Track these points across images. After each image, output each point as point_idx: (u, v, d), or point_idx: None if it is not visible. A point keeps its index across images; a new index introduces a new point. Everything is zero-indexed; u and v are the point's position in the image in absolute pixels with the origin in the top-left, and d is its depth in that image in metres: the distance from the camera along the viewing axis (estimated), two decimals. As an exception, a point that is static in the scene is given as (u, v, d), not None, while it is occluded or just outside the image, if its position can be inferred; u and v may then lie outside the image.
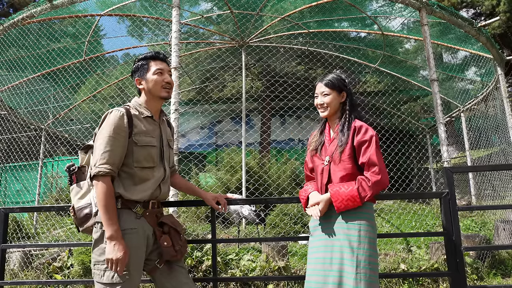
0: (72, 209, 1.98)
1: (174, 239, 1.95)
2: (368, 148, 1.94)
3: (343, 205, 1.91)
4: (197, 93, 11.07)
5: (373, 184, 1.89)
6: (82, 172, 2.03)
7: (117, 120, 1.85)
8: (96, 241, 1.84)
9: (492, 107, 6.76)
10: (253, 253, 4.64)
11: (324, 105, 2.08)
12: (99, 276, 1.79)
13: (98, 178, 1.79)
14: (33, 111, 7.57)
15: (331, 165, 2.02)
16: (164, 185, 2.00)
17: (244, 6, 6.16)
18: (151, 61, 2.01)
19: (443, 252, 4.29)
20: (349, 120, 2.04)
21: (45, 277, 4.64)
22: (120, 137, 1.84)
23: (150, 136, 1.95)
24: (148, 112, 2.00)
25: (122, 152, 1.86)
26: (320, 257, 1.96)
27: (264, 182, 7.32)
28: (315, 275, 1.95)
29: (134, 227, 1.85)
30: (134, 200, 1.87)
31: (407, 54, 8.43)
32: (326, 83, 2.09)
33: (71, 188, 2.02)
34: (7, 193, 9.68)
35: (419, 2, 4.44)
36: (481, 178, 7.44)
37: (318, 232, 2.03)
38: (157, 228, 1.94)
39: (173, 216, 2.09)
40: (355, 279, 1.80)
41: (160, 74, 1.99)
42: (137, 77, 2.03)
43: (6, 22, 5.30)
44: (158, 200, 2.00)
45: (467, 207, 6.01)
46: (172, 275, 1.95)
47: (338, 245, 1.90)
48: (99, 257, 1.81)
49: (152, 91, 2.00)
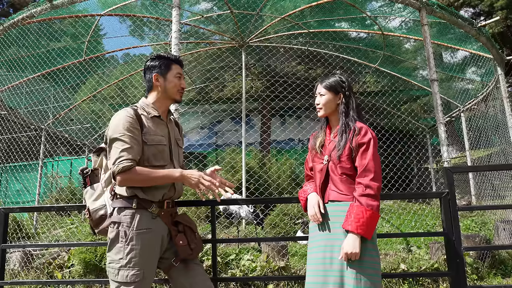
0: (87, 211, 2.01)
1: (190, 238, 1.97)
2: (366, 152, 1.93)
3: (370, 229, 1.84)
4: (197, 93, 11.06)
5: (376, 191, 1.88)
6: (96, 175, 2.06)
7: (127, 119, 1.87)
8: (112, 241, 1.86)
9: (492, 107, 6.76)
10: (253, 253, 4.64)
11: (319, 105, 2.11)
12: (113, 274, 1.82)
13: (122, 174, 1.80)
14: (33, 111, 7.57)
15: (329, 165, 2.03)
16: (177, 185, 2.03)
17: (244, 6, 6.16)
18: (173, 63, 2.06)
19: (443, 252, 4.29)
20: (346, 121, 2.04)
21: (45, 277, 4.64)
22: (135, 135, 1.87)
23: (159, 135, 1.97)
24: (155, 112, 2.02)
25: (139, 149, 1.88)
26: (320, 257, 1.95)
27: (264, 182, 7.32)
28: (315, 275, 1.95)
29: (150, 227, 1.87)
30: (149, 200, 1.89)
31: (407, 54, 8.42)
32: (323, 83, 2.12)
33: (85, 190, 2.05)
34: (7, 193, 9.69)
35: (419, 2, 4.44)
36: (481, 178, 7.44)
37: (318, 232, 2.03)
38: (173, 227, 1.96)
39: (187, 215, 2.10)
40: (355, 278, 1.80)
41: (179, 78, 2.06)
42: (156, 73, 2.03)
43: (6, 22, 5.30)
44: (172, 199, 2.02)
45: (467, 207, 6.01)
46: (189, 273, 1.97)
47: (338, 244, 1.90)
48: (114, 255, 1.83)
49: (169, 92, 2.04)
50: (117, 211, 1.89)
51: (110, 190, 1.97)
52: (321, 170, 2.06)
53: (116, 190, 1.93)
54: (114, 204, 1.91)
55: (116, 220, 1.86)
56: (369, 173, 1.89)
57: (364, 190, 1.87)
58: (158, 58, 2.05)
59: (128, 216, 1.85)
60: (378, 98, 9.43)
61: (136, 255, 1.80)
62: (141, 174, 1.82)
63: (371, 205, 1.85)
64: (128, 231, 1.83)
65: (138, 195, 1.87)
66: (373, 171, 1.89)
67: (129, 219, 1.85)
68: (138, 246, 1.81)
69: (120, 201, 1.90)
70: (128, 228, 1.83)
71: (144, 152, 1.90)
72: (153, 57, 2.08)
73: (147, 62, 2.08)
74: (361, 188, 1.88)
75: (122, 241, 1.82)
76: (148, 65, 2.07)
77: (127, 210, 1.87)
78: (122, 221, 1.85)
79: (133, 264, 1.80)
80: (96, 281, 3.76)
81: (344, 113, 2.06)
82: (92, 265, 4.42)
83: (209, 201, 3.24)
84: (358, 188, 1.90)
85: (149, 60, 2.07)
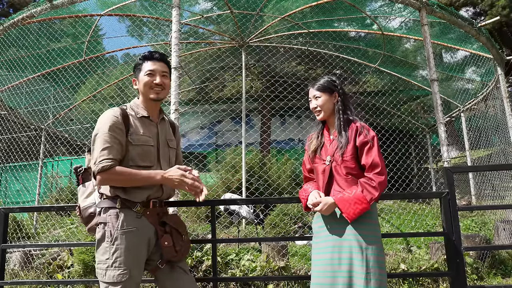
0: (78, 209, 2.02)
1: (176, 239, 1.95)
2: (371, 149, 1.96)
3: (351, 210, 1.89)
4: (197, 93, 11.05)
5: (378, 184, 1.91)
6: (89, 173, 2.06)
7: (112, 118, 1.87)
8: (99, 241, 1.86)
9: (492, 107, 6.76)
10: (253, 253, 4.64)
11: (317, 108, 2.12)
12: (101, 275, 1.81)
13: (101, 174, 1.80)
14: (33, 111, 7.57)
15: (332, 165, 2.02)
16: (166, 186, 2.00)
17: (244, 6, 6.16)
18: (145, 61, 2.02)
19: (443, 252, 4.29)
20: (344, 119, 2.06)
21: (45, 277, 4.64)
22: (117, 134, 1.85)
23: (146, 135, 1.95)
24: (144, 112, 2.00)
25: (121, 149, 1.87)
26: (328, 258, 1.94)
27: (264, 182, 7.32)
28: (323, 276, 1.93)
29: (134, 226, 1.86)
30: (132, 201, 1.88)
31: (407, 54, 8.42)
32: (316, 86, 2.14)
33: (78, 188, 2.06)
34: (7, 193, 9.68)
35: (419, 2, 4.44)
36: (481, 178, 7.44)
37: (324, 233, 2.02)
38: (159, 228, 1.95)
39: (177, 216, 2.09)
40: (365, 278, 1.81)
41: (150, 75, 1.99)
42: (134, 78, 2.06)
43: (6, 22, 5.30)
44: (160, 199, 2.01)
45: (467, 207, 6.01)
46: (174, 275, 1.96)
47: (346, 245, 1.90)
48: (101, 256, 1.83)
49: (142, 92, 2.02)
50: (103, 211, 1.89)
51: (97, 190, 1.98)
52: (323, 171, 2.06)
53: (101, 190, 1.93)
54: (100, 204, 1.92)
55: (102, 221, 1.86)
56: (376, 168, 1.94)
57: (367, 180, 1.94)
58: (137, 61, 2.06)
59: (113, 216, 1.85)
60: (378, 98, 9.42)
61: (121, 255, 1.80)
62: (121, 174, 1.81)
63: (367, 191, 1.90)
64: (113, 231, 1.82)
65: (120, 195, 1.86)
66: (379, 166, 1.94)
67: (114, 219, 1.84)
68: (123, 246, 1.81)
69: (106, 201, 1.90)
70: (113, 228, 1.83)
71: (130, 152, 1.89)
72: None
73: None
74: (366, 178, 1.95)
75: (108, 241, 1.82)
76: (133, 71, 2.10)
77: (112, 210, 1.86)
78: (107, 221, 1.85)
79: (118, 263, 1.79)
80: (96, 281, 3.76)
81: (342, 111, 2.08)
82: (91, 266, 4.42)
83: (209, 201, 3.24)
84: (363, 178, 1.96)
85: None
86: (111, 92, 7.99)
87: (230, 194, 6.02)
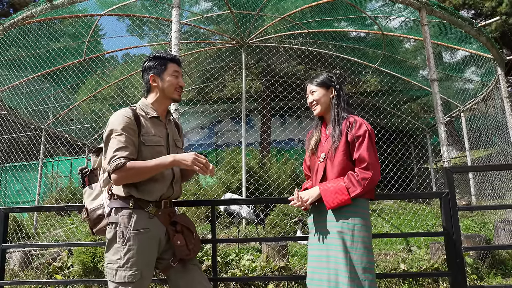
0: (85, 211, 2.01)
1: (187, 238, 1.96)
2: (361, 144, 1.95)
3: (331, 199, 1.90)
4: (197, 93, 11.05)
5: (361, 179, 1.89)
6: (95, 175, 2.07)
7: (125, 118, 1.87)
8: (110, 241, 1.86)
9: (492, 107, 6.76)
10: (253, 253, 4.64)
11: (313, 102, 2.14)
12: (111, 275, 1.81)
13: (116, 172, 1.79)
14: (33, 111, 7.57)
15: (327, 162, 2.03)
16: (176, 184, 2.02)
17: (244, 6, 6.16)
18: (169, 62, 2.04)
19: (443, 252, 4.29)
20: (339, 114, 2.07)
21: (45, 277, 4.64)
22: (130, 134, 1.86)
23: (157, 136, 1.97)
24: (154, 113, 2.01)
25: (134, 149, 1.87)
26: (317, 254, 1.99)
27: (264, 182, 7.32)
28: (312, 272, 1.99)
29: (147, 227, 1.87)
30: (146, 200, 1.89)
31: (407, 54, 8.42)
32: (313, 82, 2.17)
33: (84, 190, 2.05)
34: (7, 193, 9.68)
35: (419, 2, 4.44)
36: (481, 178, 7.44)
37: (315, 230, 2.06)
38: (170, 227, 1.96)
39: (185, 215, 2.10)
40: (348, 277, 1.81)
41: (175, 77, 2.04)
42: (152, 74, 2.03)
43: (6, 22, 5.29)
44: (170, 199, 2.02)
45: (467, 207, 6.00)
46: (186, 273, 1.97)
47: (332, 243, 1.92)
48: (112, 256, 1.83)
49: (166, 92, 2.03)
50: (115, 211, 1.88)
51: (107, 190, 1.97)
52: (318, 169, 2.07)
53: (113, 190, 1.93)
54: (112, 205, 1.91)
55: (114, 221, 1.86)
56: (362, 162, 1.93)
57: (353, 173, 1.93)
58: (154, 58, 2.04)
59: (125, 216, 1.85)
60: (378, 98, 9.43)
61: (134, 255, 1.80)
62: (133, 168, 1.79)
63: (351, 184, 1.90)
64: (125, 231, 1.82)
65: (134, 194, 1.86)
66: (366, 161, 1.91)
67: (126, 219, 1.84)
68: (136, 246, 1.81)
69: (117, 201, 1.89)
70: (126, 229, 1.83)
71: (142, 153, 1.89)
72: (150, 58, 2.07)
73: (144, 63, 2.07)
74: (352, 172, 1.95)
75: (120, 242, 1.82)
76: (144, 66, 2.06)
77: (124, 210, 1.86)
78: (119, 221, 1.85)
79: (130, 264, 1.79)
80: (95, 281, 3.76)
81: (336, 105, 2.10)
82: (91, 266, 4.42)
83: (209, 201, 3.24)
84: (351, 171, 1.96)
85: (145, 61, 2.07)
86: (111, 92, 7.99)
87: (230, 194, 6.02)
